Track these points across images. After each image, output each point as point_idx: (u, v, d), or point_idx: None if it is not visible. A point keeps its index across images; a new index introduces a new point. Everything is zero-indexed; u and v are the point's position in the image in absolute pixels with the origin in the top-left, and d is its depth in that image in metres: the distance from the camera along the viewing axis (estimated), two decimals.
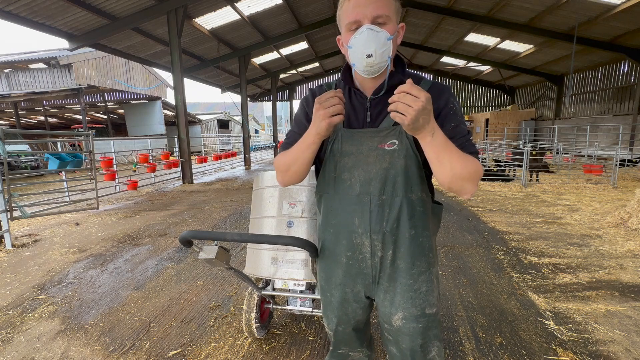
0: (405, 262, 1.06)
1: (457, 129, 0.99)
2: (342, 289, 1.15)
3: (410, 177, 1.02)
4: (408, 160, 1.01)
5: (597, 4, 9.83)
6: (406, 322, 1.08)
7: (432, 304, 1.09)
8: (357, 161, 1.05)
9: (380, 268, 1.08)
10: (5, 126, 24.74)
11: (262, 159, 19.11)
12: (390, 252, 1.06)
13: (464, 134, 0.99)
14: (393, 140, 1.01)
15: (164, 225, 5.20)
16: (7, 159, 4.71)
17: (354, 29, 0.96)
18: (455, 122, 0.99)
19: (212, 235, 1.22)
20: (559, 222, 4.92)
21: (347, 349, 1.30)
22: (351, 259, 1.10)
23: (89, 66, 16.04)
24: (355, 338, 1.26)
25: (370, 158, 1.03)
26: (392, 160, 1.02)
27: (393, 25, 0.96)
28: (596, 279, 3.06)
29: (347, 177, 1.06)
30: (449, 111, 1.01)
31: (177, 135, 9.61)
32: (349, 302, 1.16)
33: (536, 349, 2.12)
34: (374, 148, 1.03)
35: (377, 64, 0.94)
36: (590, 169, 8.74)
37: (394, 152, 1.01)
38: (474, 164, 0.94)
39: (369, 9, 0.93)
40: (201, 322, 2.49)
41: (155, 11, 8.89)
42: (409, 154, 1.01)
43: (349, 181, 1.06)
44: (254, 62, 16.56)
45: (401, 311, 1.08)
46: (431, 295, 1.09)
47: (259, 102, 27.77)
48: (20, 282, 3.23)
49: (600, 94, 14.95)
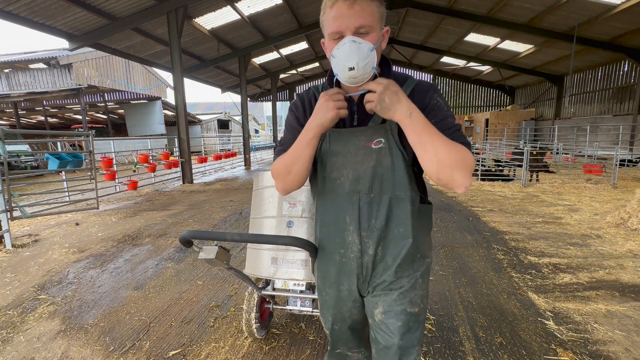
0: (394, 258, 1.07)
1: (442, 122, 0.99)
2: (337, 287, 1.15)
3: (398, 175, 1.02)
4: (395, 158, 1.02)
5: (597, 4, 9.83)
6: (386, 316, 1.08)
7: (414, 303, 1.08)
8: (346, 160, 1.06)
9: (372, 266, 1.09)
10: (5, 126, 24.75)
11: (262, 159, 19.11)
12: (380, 248, 1.07)
13: (450, 126, 0.99)
14: (379, 138, 1.02)
15: (164, 225, 5.20)
16: (7, 159, 4.72)
17: (336, 38, 0.95)
18: (440, 117, 1.00)
19: (212, 235, 1.22)
20: (559, 222, 4.92)
21: (345, 348, 1.29)
22: (344, 257, 1.11)
23: (89, 66, 16.05)
24: (352, 337, 1.26)
25: (358, 157, 1.05)
26: (379, 158, 1.03)
27: (376, 34, 0.95)
28: (596, 279, 3.06)
29: (337, 176, 1.08)
30: (433, 107, 1.01)
31: (177, 135, 9.61)
32: (343, 301, 1.16)
33: (536, 349, 2.12)
34: (362, 147, 1.04)
35: (360, 76, 0.93)
36: (590, 169, 8.74)
37: (380, 150, 1.02)
38: (461, 150, 0.93)
39: (351, 20, 0.92)
40: (201, 322, 2.49)
41: (155, 11, 8.89)
42: (394, 151, 1.01)
43: (339, 180, 1.08)
44: (254, 62, 16.57)
45: (382, 305, 1.09)
46: (413, 292, 1.08)
47: (259, 102, 27.78)
48: (20, 282, 3.23)
49: (600, 94, 14.96)
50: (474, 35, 14.53)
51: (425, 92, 1.03)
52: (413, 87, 1.04)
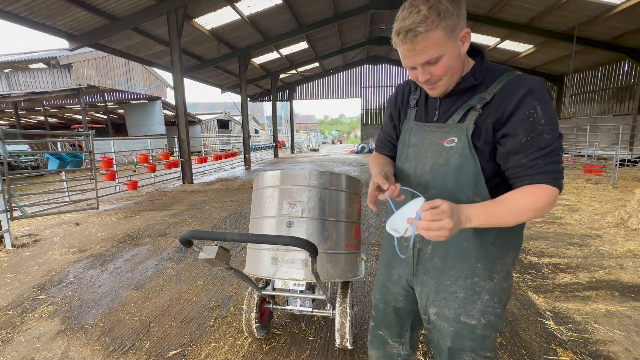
0: (444, 261, 1.06)
1: (528, 143, 0.88)
2: (388, 269, 1.22)
3: (463, 178, 0.99)
4: (464, 160, 0.98)
5: (597, 4, 9.83)
6: (438, 319, 1.09)
7: (470, 315, 1.04)
8: (418, 153, 1.09)
9: (418, 260, 1.10)
10: (5, 126, 24.74)
11: (262, 159, 19.11)
12: (429, 247, 1.08)
13: (538, 147, 0.88)
14: (453, 137, 1.00)
15: (164, 225, 5.20)
16: (7, 159, 4.71)
17: (411, 68, 0.97)
18: (527, 135, 0.88)
19: (212, 235, 1.22)
20: (559, 222, 4.92)
21: (386, 333, 1.30)
22: (399, 243, 1.15)
23: (89, 66, 16.04)
24: (395, 322, 1.27)
25: (429, 152, 1.06)
26: (448, 158, 1.01)
27: (448, 56, 0.92)
28: (596, 279, 3.06)
29: (408, 167, 1.12)
30: (520, 117, 0.89)
31: (177, 135, 9.61)
32: (391, 283, 1.21)
33: (536, 349, 2.12)
34: (434, 143, 1.04)
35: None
36: (590, 169, 8.73)
37: (451, 150, 1.01)
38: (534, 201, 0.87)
39: (416, 59, 0.92)
40: (201, 322, 2.49)
41: (155, 11, 8.88)
42: (465, 153, 0.98)
43: (408, 171, 1.12)
44: (254, 62, 16.56)
45: (435, 307, 1.10)
46: (470, 305, 1.04)
47: (259, 102, 27.78)
48: (20, 282, 3.23)
49: (600, 94, 14.96)
50: (473, 35, 14.35)
51: (511, 95, 0.91)
52: (501, 87, 0.94)
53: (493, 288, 1.04)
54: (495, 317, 1.05)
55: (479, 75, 0.99)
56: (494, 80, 0.97)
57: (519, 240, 1.08)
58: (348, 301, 1.99)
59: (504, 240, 1.03)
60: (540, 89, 0.90)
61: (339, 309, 1.98)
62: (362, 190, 1.97)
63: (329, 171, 1.79)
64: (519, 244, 1.08)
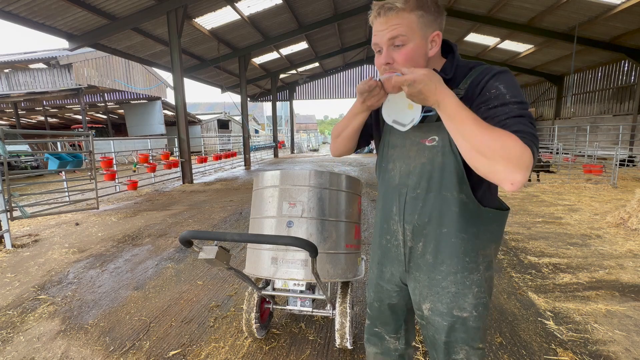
0: (434, 257, 1.07)
1: (496, 109, 0.89)
2: (380, 267, 1.23)
3: (447, 175, 1.01)
4: (446, 158, 1.01)
5: (597, 4, 9.83)
6: (432, 314, 1.11)
7: (462, 308, 1.07)
8: (401, 154, 1.11)
9: (410, 258, 1.12)
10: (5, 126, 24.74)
11: (262, 159, 19.11)
12: (420, 244, 1.09)
13: (506, 113, 0.88)
14: (433, 136, 1.02)
15: (164, 225, 5.20)
16: (7, 159, 4.71)
17: (377, 51, 1.01)
18: (495, 103, 0.90)
19: (212, 235, 1.22)
20: (559, 222, 4.92)
21: (383, 330, 1.31)
22: (389, 243, 1.17)
23: (89, 66, 16.04)
24: (391, 319, 1.28)
25: (412, 152, 1.07)
26: (431, 156, 1.03)
27: (414, 44, 0.95)
28: (596, 279, 3.06)
29: (391, 168, 1.14)
30: (486, 94, 0.93)
31: (177, 135, 9.61)
32: (384, 281, 1.22)
33: (536, 349, 2.12)
34: (416, 142, 1.06)
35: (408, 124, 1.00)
36: (590, 169, 8.74)
37: (433, 148, 1.03)
38: (505, 138, 0.80)
39: (385, 34, 0.96)
40: (201, 322, 2.49)
41: (155, 11, 8.89)
42: (446, 150, 1.00)
43: (392, 172, 1.14)
44: (254, 62, 16.56)
45: (429, 302, 1.11)
46: (462, 298, 1.06)
47: (259, 102, 27.77)
48: (20, 282, 3.23)
49: (600, 94, 14.96)
50: (473, 35, 14.52)
51: (479, 79, 0.95)
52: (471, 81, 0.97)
53: (480, 279, 1.07)
54: (483, 308, 1.09)
55: (449, 72, 1.02)
56: (464, 76, 1.00)
57: (500, 232, 1.09)
58: (348, 301, 1.99)
59: (486, 232, 1.06)
60: (504, 72, 0.94)
61: (339, 309, 1.98)
62: (362, 191, 1.97)
63: (328, 171, 1.80)
64: (499, 236, 1.10)
